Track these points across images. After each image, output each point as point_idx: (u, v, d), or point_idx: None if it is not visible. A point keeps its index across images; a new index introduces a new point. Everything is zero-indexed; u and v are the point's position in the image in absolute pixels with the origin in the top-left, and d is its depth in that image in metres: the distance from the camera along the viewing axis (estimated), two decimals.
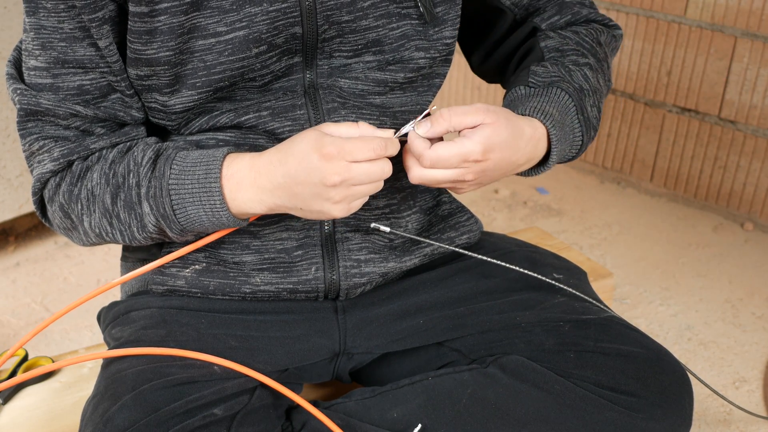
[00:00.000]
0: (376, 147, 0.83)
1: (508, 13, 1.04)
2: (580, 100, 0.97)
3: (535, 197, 2.19)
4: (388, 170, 0.85)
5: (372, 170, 0.83)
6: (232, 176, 0.87)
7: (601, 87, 1.03)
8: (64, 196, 0.93)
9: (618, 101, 2.18)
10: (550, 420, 0.92)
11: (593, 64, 1.01)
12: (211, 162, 0.87)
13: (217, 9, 0.88)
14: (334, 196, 0.83)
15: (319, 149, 0.82)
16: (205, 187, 0.86)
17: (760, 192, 1.97)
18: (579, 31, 1.04)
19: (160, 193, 0.87)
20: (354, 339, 1.03)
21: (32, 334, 0.94)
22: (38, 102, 0.90)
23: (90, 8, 0.86)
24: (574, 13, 1.05)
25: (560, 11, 1.04)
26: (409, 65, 0.97)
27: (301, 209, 0.86)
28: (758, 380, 1.47)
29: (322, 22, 0.91)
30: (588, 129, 0.99)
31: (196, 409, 0.86)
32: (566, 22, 1.04)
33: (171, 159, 0.88)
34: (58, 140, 0.92)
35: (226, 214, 0.87)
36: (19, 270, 1.84)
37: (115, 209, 0.90)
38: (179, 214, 0.87)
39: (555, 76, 0.97)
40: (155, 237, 0.92)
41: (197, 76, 0.90)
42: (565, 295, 1.04)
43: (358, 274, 1.00)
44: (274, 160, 0.85)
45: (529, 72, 0.99)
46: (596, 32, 1.05)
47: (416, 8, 0.95)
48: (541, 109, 0.93)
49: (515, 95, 0.97)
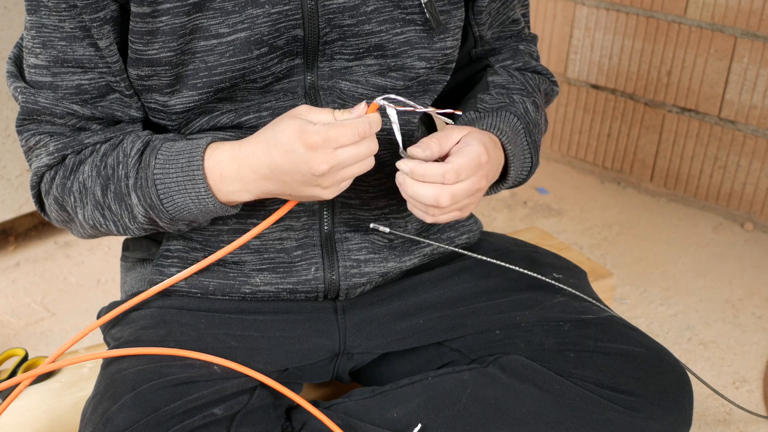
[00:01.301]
0: (360, 130, 0.82)
1: (470, 40, 1.06)
2: (527, 123, 1.00)
3: (535, 197, 2.19)
4: (374, 147, 0.85)
5: (358, 151, 0.83)
6: (214, 167, 0.87)
7: (541, 124, 1.06)
8: (57, 189, 0.93)
9: (618, 101, 2.18)
10: (550, 419, 0.92)
11: (537, 101, 1.05)
12: (194, 150, 0.87)
13: (219, 10, 0.88)
14: (323, 183, 0.84)
15: (304, 139, 0.81)
16: (189, 175, 0.87)
17: (760, 192, 1.97)
18: (525, 74, 1.08)
19: (146, 183, 0.87)
20: (354, 339, 1.03)
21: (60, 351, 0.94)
22: (36, 100, 0.91)
23: (91, 8, 0.86)
24: (525, 61, 1.09)
25: (513, 57, 1.08)
26: (410, 74, 0.97)
27: (290, 194, 0.87)
28: (758, 380, 1.47)
29: (323, 25, 0.91)
30: (536, 152, 1.02)
31: (196, 409, 0.86)
32: (517, 68, 1.08)
33: (156, 149, 0.88)
34: (54, 135, 0.93)
35: (213, 201, 0.87)
36: (19, 270, 1.84)
37: (106, 201, 0.91)
38: (166, 203, 0.88)
39: (502, 103, 1.01)
40: (147, 227, 0.92)
41: (198, 76, 0.90)
42: (565, 294, 1.04)
43: (358, 274, 1.00)
44: (258, 152, 0.85)
45: (477, 99, 1.02)
46: (539, 80, 1.09)
47: (421, 14, 0.95)
48: (495, 125, 0.96)
49: (466, 119, 0.99)
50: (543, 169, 2.34)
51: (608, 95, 2.19)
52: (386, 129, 1.00)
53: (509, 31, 1.08)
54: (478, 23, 1.04)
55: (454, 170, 0.85)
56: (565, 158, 2.36)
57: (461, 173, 0.86)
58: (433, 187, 0.85)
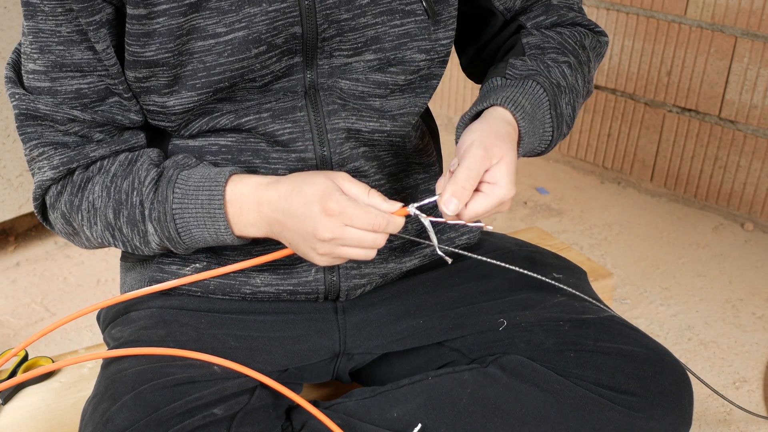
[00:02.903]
0: (376, 223, 0.83)
1: (499, 16, 1.05)
2: (554, 95, 0.97)
3: (535, 197, 2.19)
4: (380, 243, 0.85)
5: (364, 238, 0.84)
6: (235, 201, 0.88)
7: (579, 87, 1.02)
8: (66, 205, 0.94)
9: (618, 101, 2.18)
10: (550, 419, 0.92)
11: (573, 63, 1.01)
12: (214, 187, 0.88)
13: (216, 10, 0.87)
14: (319, 248, 0.85)
15: (324, 202, 0.83)
16: (210, 213, 0.88)
17: (760, 192, 1.96)
18: (563, 32, 1.04)
19: (164, 217, 0.89)
20: (354, 339, 1.03)
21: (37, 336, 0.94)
22: (36, 107, 0.90)
23: (87, 11, 0.86)
24: (561, 15, 1.05)
25: (546, 12, 1.05)
26: (410, 67, 0.97)
27: (289, 243, 0.89)
28: (758, 380, 1.47)
29: (321, 21, 0.91)
30: (560, 125, 0.98)
31: (196, 409, 0.86)
32: (551, 23, 1.05)
33: (173, 182, 0.89)
34: (58, 147, 0.92)
35: (231, 237, 0.89)
36: (19, 270, 1.84)
37: (117, 224, 0.91)
38: (184, 236, 0.90)
39: (533, 70, 0.97)
40: (158, 251, 0.94)
41: (197, 77, 0.90)
42: (565, 294, 1.04)
43: (358, 275, 1.00)
44: (281, 192, 0.86)
45: (507, 64, 0.99)
46: (580, 35, 1.05)
47: (420, 3, 0.94)
48: (513, 99, 0.93)
49: (491, 86, 0.97)
50: (543, 169, 2.34)
51: (608, 95, 2.19)
52: (386, 131, 1.00)
53: None
54: None
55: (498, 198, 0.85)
56: (565, 158, 2.36)
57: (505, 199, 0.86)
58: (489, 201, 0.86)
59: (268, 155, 0.95)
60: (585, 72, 1.04)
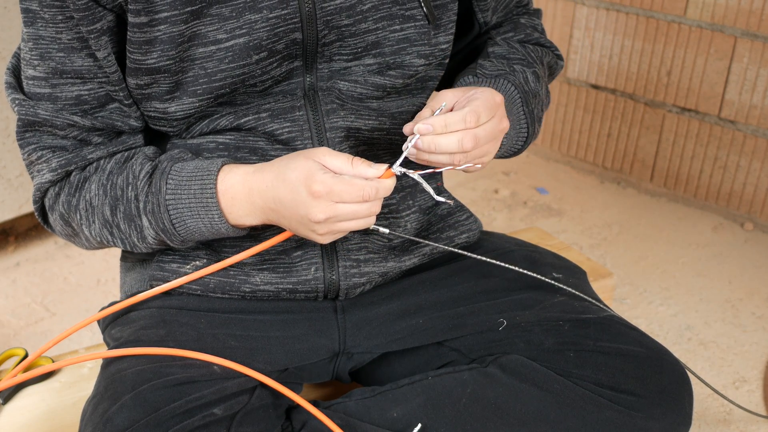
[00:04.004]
0: (365, 193, 0.82)
1: (476, 28, 1.08)
2: (525, 93, 0.99)
3: (535, 197, 2.19)
4: (376, 210, 0.85)
5: (359, 210, 0.84)
6: (227, 191, 0.88)
7: (542, 96, 1.05)
8: (63, 206, 0.94)
9: (618, 101, 2.18)
10: (549, 419, 0.92)
11: (537, 72, 1.04)
12: (206, 177, 0.88)
13: (217, 17, 0.88)
14: (317, 229, 0.85)
15: (309, 185, 0.82)
16: (202, 202, 0.88)
17: (760, 192, 1.97)
18: (527, 47, 1.07)
19: (158, 209, 0.89)
20: (353, 339, 1.03)
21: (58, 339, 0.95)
22: (36, 113, 0.91)
23: (88, 19, 0.86)
24: (527, 34, 1.08)
25: (515, 29, 1.08)
26: (409, 71, 0.97)
27: (289, 228, 0.89)
28: (758, 380, 1.47)
29: (322, 27, 0.91)
30: (533, 121, 1.00)
31: (196, 408, 0.86)
32: (519, 40, 1.08)
33: (167, 173, 0.89)
34: (56, 150, 0.93)
35: (225, 226, 0.89)
36: (19, 270, 1.84)
37: (114, 220, 0.92)
38: (179, 227, 0.89)
39: (501, 71, 1.00)
40: (156, 247, 0.94)
41: (198, 83, 0.90)
42: (565, 294, 1.04)
43: (358, 274, 1.00)
44: (267, 181, 0.86)
45: (477, 65, 1.01)
46: (542, 52, 1.09)
47: (420, 8, 0.95)
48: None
49: (464, 84, 0.98)
50: (543, 169, 2.34)
51: (608, 95, 2.19)
52: (385, 129, 1.01)
53: (514, 11, 1.09)
54: (482, 9, 1.04)
55: (473, 111, 0.84)
56: (565, 158, 2.36)
57: (481, 115, 0.85)
58: (455, 134, 0.84)
59: (266, 153, 0.95)
60: (544, 84, 1.07)
